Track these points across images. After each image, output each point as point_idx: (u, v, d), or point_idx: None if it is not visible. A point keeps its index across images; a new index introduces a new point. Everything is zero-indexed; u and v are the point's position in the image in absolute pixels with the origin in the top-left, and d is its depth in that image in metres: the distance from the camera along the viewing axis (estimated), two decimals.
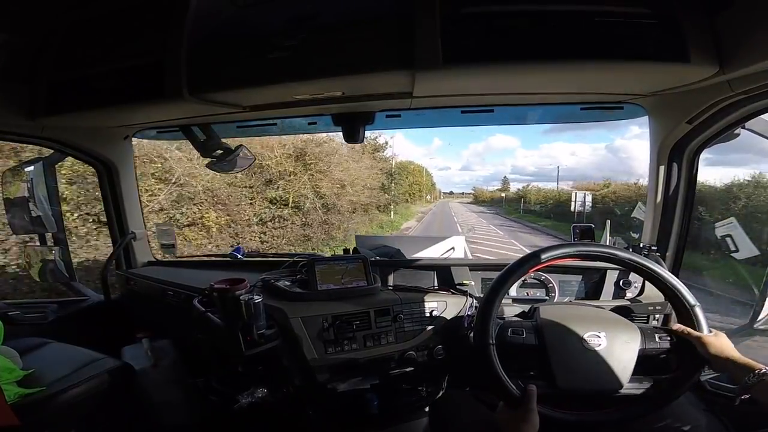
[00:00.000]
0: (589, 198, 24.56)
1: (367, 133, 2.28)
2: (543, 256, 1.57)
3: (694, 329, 1.53)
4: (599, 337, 1.55)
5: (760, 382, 1.27)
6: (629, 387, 1.54)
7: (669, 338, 1.57)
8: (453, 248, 2.72)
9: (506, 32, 1.45)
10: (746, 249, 2.13)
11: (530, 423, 1.39)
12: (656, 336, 1.58)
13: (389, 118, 2.37)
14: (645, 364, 1.57)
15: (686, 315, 1.55)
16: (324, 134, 14.29)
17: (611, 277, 2.27)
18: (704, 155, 2.02)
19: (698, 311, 1.53)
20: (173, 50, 1.73)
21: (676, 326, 1.56)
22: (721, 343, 1.45)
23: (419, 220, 37.02)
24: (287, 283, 2.18)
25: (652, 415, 1.50)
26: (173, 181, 10.00)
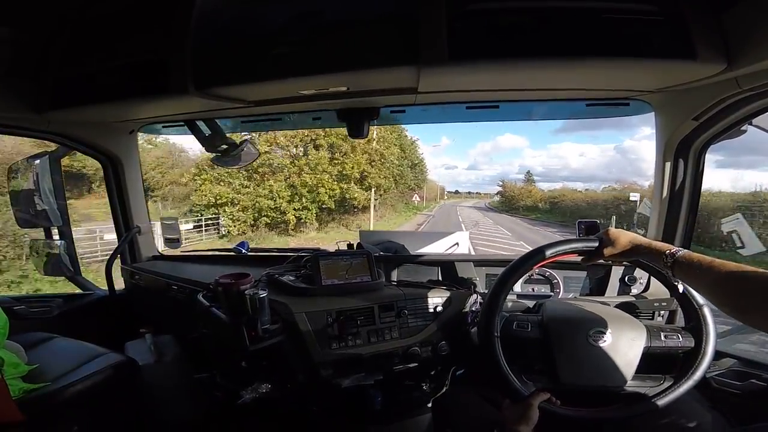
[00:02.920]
0: None
1: None
2: (549, 252, 1.56)
3: (702, 328, 1.53)
4: (604, 333, 1.55)
5: (675, 263, 1.31)
6: (632, 385, 1.54)
7: (676, 338, 1.57)
8: (457, 244, 2.72)
9: (512, 28, 1.45)
10: (752, 245, 2.12)
11: (529, 418, 1.40)
12: (662, 335, 1.58)
13: (394, 113, 2.37)
14: (649, 362, 1.57)
15: (694, 315, 1.56)
16: None
17: (616, 273, 2.27)
18: (715, 156, 2.01)
19: (706, 311, 1.54)
20: (179, 45, 1.74)
21: (581, 259, 1.61)
22: (625, 236, 1.47)
23: None
24: (291, 278, 2.19)
25: (657, 411, 1.50)
26: None
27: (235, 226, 25.64)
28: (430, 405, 2.19)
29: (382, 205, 36.50)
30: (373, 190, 31.78)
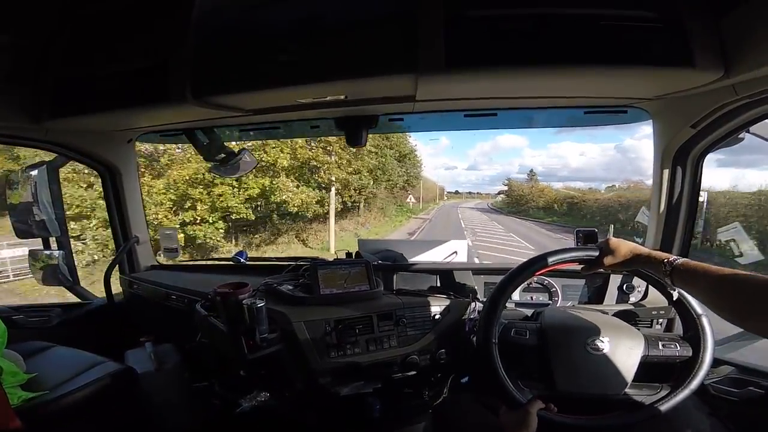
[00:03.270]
0: None
1: None
2: (549, 260, 1.56)
3: (700, 337, 1.53)
4: (602, 342, 1.55)
5: (674, 271, 1.31)
6: (628, 393, 1.54)
7: (674, 347, 1.57)
8: (456, 252, 2.72)
9: (510, 36, 1.45)
10: (750, 254, 2.12)
11: (528, 425, 1.40)
12: (660, 344, 1.58)
13: (392, 121, 2.37)
14: (647, 371, 1.57)
15: (692, 324, 1.56)
16: None
17: (614, 281, 2.26)
18: (715, 156, 2.00)
19: (704, 321, 1.54)
20: (177, 54, 1.74)
21: (581, 268, 1.61)
22: (626, 246, 1.48)
23: None
24: (290, 287, 2.19)
25: (656, 419, 1.50)
26: None
27: (86, 253, 14.50)
28: (429, 412, 2.18)
29: (368, 209, 29.67)
30: (333, 189, 22.43)
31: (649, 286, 2.15)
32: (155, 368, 2.57)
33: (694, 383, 1.51)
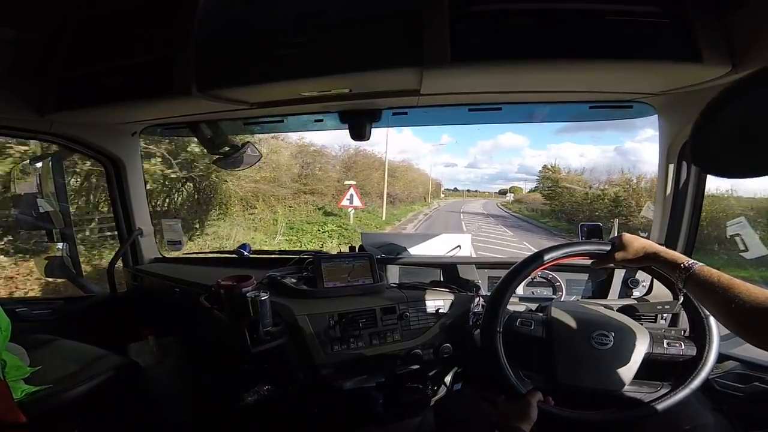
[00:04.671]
0: None
1: None
2: (560, 252, 1.56)
3: (705, 338, 1.52)
4: (608, 337, 1.54)
5: (690, 276, 1.27)
6: (629, 390, 1.53)
7: (678, 345, 1.57)
8: (459, 246, 2.71)
9: (515, 30, 1.44)
10: (756, 249, 2.11)
11: (528, 416, 1.39)
12: (665, 342, 1.57)
13: (396, 115, 2.36)
14: (648, 368, 1.56)
15: (699, 324, 1.55)
16: None
17: (618, 275, 2.26)
18: None
19: (712, 321, 1.53)
20: (181, 47, 1.74)
21: (591, 262, 1.60)
22: (639, 242, 1.46)
23: None
24: (293, 280, 2.19)
25: (658, 414, 1.50)
26: None
27: None
28: (432, 405, 2.19)
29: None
30: None
31: (654, 281, 2.15)
32: (158, 361, 2.57)
33: (695, 383, 1.50)
